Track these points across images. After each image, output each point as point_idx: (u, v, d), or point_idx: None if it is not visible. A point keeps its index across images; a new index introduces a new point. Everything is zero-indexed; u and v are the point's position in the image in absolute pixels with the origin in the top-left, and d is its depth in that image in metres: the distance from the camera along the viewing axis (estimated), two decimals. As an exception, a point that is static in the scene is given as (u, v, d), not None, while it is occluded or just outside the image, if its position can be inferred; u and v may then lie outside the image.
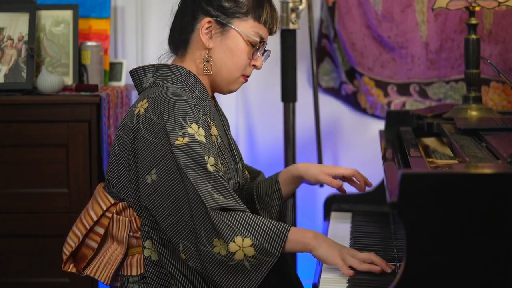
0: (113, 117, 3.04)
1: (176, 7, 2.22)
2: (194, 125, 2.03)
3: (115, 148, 2.13)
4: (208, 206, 1.94)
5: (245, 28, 2.14)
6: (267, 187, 2.31)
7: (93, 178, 2.89)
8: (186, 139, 2.00)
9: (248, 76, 2.20)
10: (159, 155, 2.01)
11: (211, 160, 2.00)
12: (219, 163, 2.03)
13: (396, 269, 1.95)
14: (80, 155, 2.88)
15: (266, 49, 2.20)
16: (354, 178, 2.27)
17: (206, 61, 2.15)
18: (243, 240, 1.94)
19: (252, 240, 1.94)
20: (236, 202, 1.99)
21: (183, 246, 1.98)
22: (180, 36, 2.18)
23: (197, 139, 2.01)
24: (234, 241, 1.93)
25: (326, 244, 1.98)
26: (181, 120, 2.02)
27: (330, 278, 1.94)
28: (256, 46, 2.16)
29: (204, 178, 1.97)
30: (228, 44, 2.15)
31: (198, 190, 1.96)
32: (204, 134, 2.03)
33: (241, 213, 1.97)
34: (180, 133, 2.01)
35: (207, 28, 2.14)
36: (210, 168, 1.98)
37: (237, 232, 1.94)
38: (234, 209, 1.97)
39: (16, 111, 2.89)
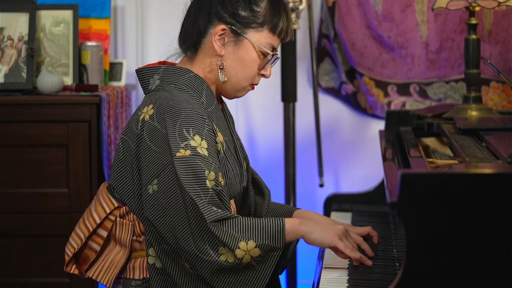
0: (113, 117, 3.04)
1: (189, 2, 2.16)
2: (197, 137, 2.00)
3: (120, 153, 2.11)
4: (208, 220, 1.93)
5: (259, 39, 2.09)
6: (279, 214, 2.29)
7: (93, 178, 2.89)
8: (188, 152, 1.98)
9: (256, 84, 2.17)
10: (161, 165, 1.99)
11: (211, 175, 1.98)
12: (220, 177, 2.01)
13: (396, 270, 1.95)
14: (80, 155, 2.88)
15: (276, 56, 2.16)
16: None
17: (220, 68, 2.11)
18: (247, 243, 1.94)
19: (255, 241, 1.94)
20: (230, 211, 1.99)
21: (185, 257, 1.98)
22: (191, 37, 2.13)
23: (199, 153, 1.99)
24: (239, 247, 1.93)
25: (318, 226, 1.99)
26: (184, 131, 1.99)
27: (330, 278, 1.94)
28: (268, 57, 2.12)
29: (201, 192, 1.96)
30: (241, 54, 2.10)
31: (198, 204, 1.94)
32: (206, 147, 2.01)
33: (236, 219, 1.97)
34: (182, 145, 1.98)
35: (221, 35, 2.09)
36: (209, 184, 1.97)
37: (239, 238, 1.94)
38: (228, 217, 1.97)
39: (16, 111, 2.89)
